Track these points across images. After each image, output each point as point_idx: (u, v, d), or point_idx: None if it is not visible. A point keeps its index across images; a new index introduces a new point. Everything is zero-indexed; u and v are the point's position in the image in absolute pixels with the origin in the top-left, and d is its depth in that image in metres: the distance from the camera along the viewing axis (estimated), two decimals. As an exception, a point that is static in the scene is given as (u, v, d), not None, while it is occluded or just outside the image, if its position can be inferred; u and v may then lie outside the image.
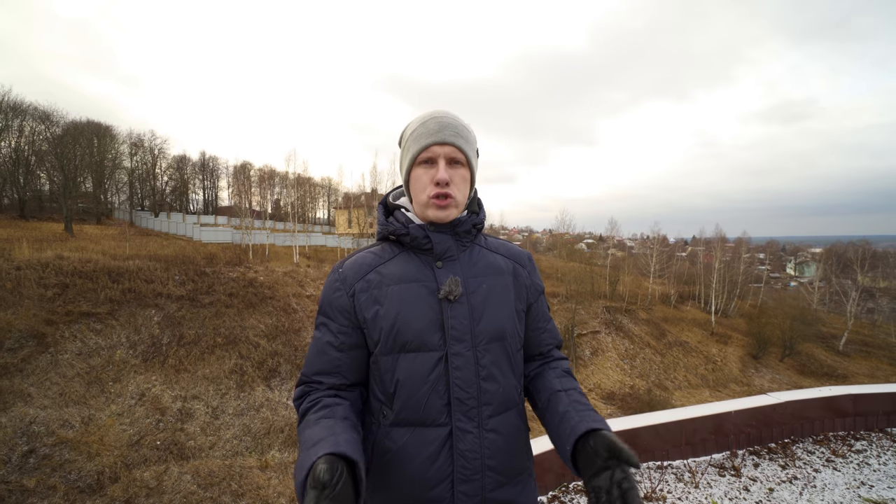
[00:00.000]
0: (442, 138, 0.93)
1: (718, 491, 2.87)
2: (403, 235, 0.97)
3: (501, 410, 0.94)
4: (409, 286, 0.94)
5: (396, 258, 0.99)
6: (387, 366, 0.92)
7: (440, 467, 0.88)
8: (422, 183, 0.95)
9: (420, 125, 0.97)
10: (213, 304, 18.20)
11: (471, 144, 0.99)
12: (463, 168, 0.97)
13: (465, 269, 0.98)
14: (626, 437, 3.09)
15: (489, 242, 1.08)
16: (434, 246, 0.96)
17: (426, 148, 0.94)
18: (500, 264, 1.04)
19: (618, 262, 43.56)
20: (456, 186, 0.95)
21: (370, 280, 0.95)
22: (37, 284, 15.38)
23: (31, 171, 29.97)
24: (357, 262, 0.99)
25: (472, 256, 1.01)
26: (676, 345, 29.43)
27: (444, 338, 0.91)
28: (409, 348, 0.91)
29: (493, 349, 0.95)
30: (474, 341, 0.93)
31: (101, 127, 36.01)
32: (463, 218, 1.00)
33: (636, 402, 21.24)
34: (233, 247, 28.75)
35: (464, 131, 0.97)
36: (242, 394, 15.11)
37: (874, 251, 39.95)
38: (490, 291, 0.98)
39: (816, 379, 26.98)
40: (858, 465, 3.20)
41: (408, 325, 0.91)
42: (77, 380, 13.02)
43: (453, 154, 0.94)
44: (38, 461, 10.18)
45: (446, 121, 0.96)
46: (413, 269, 0.96)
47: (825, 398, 3.68)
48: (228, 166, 53.04)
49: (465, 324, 0.92)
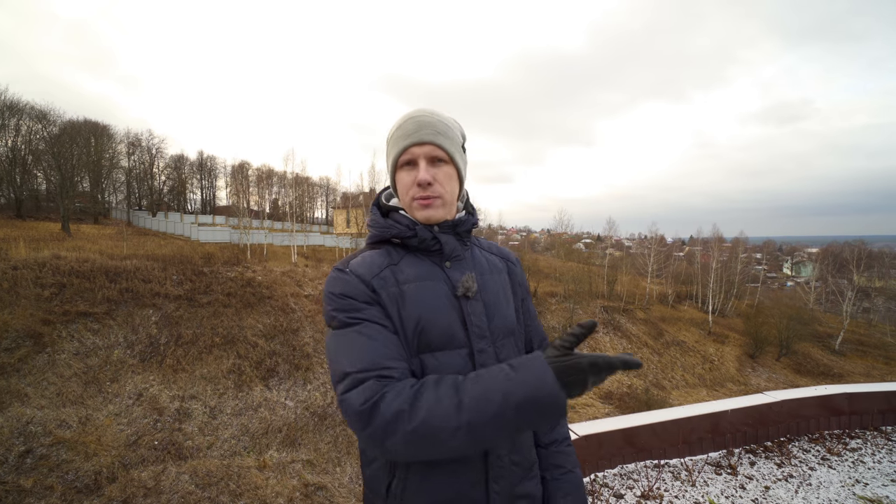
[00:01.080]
0: (419, 138, 0.91)
1: (715, 489, 2.89)
2: (410, 238, 0.94)
3: None
4: (428, 283, 0.92)
5: (405, 259, 0.96)
6: (414, 368, 0.87)
7: (474, 468, 0.88)
8: (405, 185, 0.94)
9: (398, 128, 0.94)
10: (210, 304, 18.16)
11: (452, 140, 0.95)
12: (447, 165, 0.94)
13: (472, 268, 0.99)
14: (625, 436, 3.11)
15: (482, 243, 1.11)
16: (443, 246, 0.95)
17: (405, 150, 0.92)
18: (497, 263, 1.06)
19: (616, 261, 43.64)
20: (441, 184, 0.93)
21: (386, 277, 0.91)
22: (33, 284, 15.32)
23: (27, 170, 29.80)
24: (366, 262, 0.93)
25: (475, 256, 1.03)
26: (674, 344, 29.52)
27: (468, 335, 0.91)
28: (436, 347, 0.89)
29: (507, 344, 0.96)
30: (493, 337, 0.94)
31: (99, 126, 35.86)
32: (464, 217, 1.00)
33: (634, 401, 21.31)
34: (231, 246, 28.68)
35: (443, 128, 0.93)
36: (240, 394, 15.09)
37: (870, 251, 40.16)
38: (497, 289, 1.00)
39: (813, 378, 27.11)
40: (853, 463, 3.23)
41: (433, 323, 0.88)
42: (74, 380, 12.98)
43: (433, 153, 0.92)
44: (35, 461, 10.15)
45: (424, 119, 0.93)
46: (426, 268, 0.95)
47: (821, 397, 3.71)
48: (226, 166, 52.93)
49: (483, 320, 0.93)
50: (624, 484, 2.91)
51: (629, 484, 2.91)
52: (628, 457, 3.12)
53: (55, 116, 31.68)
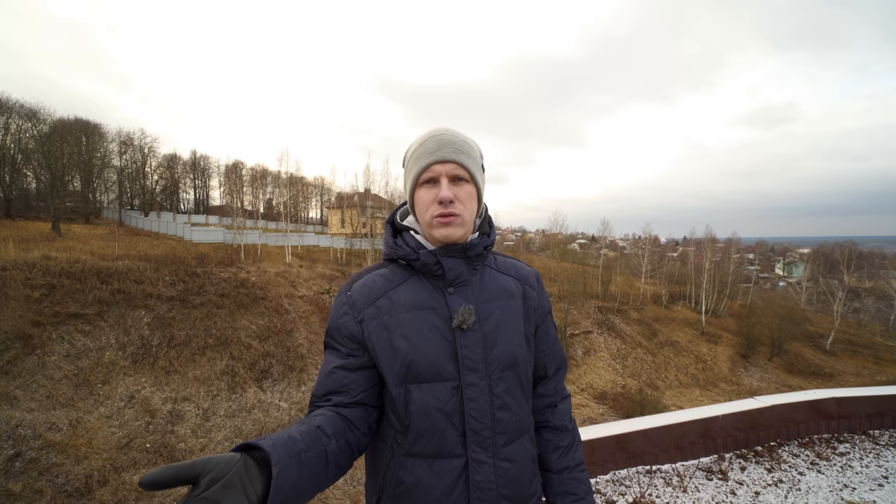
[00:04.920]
0: (442, 156, 0.92)
1: (706, 495, 2.91)
2: (414, 261, 0.95)
3: (515, 438, 0.94)
4: (422, 314, 0.92)
5: (407, 283, 0.96)
6: (399, 397, 0.89)
7: (456, 500, 0.87)
8: (425, 203, 0.94)
9: (420, 145, 0.95)
10: (204, 305, 18.03)
11: (474, 160, 0.96)
12: (468, 184, 0.94)
13: (477, 294, 0.97)
14: (617, 442, 3.13)
15: (498, 263, 1.06)
16: (446, 272, 0.94)
17: (427, 167, 0.93)
18: (511, 287, 1.02)
19: (610, 262, 43.86)
20: (461, 203, 0.93)
21: (380, 306, 0.93)
22: (23, 285, 15.12)
23: (17, 169, 29.39)
24: (367, 286, 0.96)
25: (484, 280, 1.00)
26: (667, 344, 29.74)
27: (458, 368, 0.90)
28: (423, 379, 0.89)
29: (506, 377, 0.94)
30: (488, 370, 0.92)
31: (90, 125, 35.43)
32: (475, 241, 0.98)
33: (628, 401, 21.42)
34: (224, 247, 28.49)
35: (465, 147, 0.95)
36: (234, 395, 15.00)
37: (860, 252, 40.67)
38: (502, 317, 0.97)
39: (804, 378, 27.43)
40: (842, 467, 3.27)
41: (421, 355, 0.89)
42: (65, 382, 12.83)
43: (455, 171, 0.92)
44: (24, 465, 10.03)
45: (446, 138, 0.94)
46: (425, 295, 0.94)
47: (810, 401, 3.75)
48: (220, 165, 52.49)
49: (479, 353, 0.91)
50: (616, 490, 2.92)
51: (621, 490, 2.92)
52: (621, 462, 3.13)
53: (45, 115, 31.32)
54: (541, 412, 1.06)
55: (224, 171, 49.57)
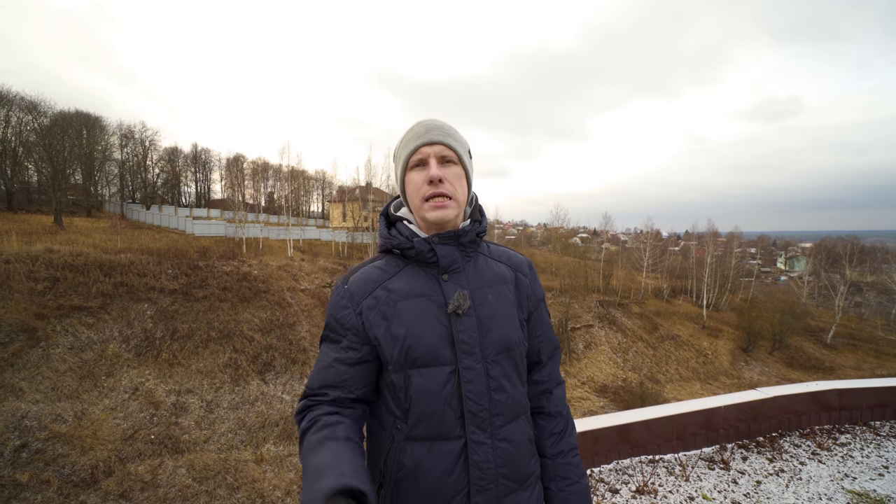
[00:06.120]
0: (430, 138, 0.95)
1: (708, 484, 2.94)
2: (408, 249, 0.97)
3: (511, 419, 0.96)
4: (418, 301, 0.94)
5: (402, 272, 0.98)
6: (399, 382, 0.92)
7: (456, 480, 0.90)
8: (415, 185, 0.96)
9: (408, 132, 0.99)
10: (206, 298, 18.11)
11: (461, 143, 1.00)
12: (456, 166, 0.97)
13: (472, 281, 0.99)
14: (619, 432, 3.15)
15: (491, 250, 1.09)
16: (439, 259, 0.96)
17: (416, 150, 0.96)
18: (504, 273, 1.04)
19: (611, 256, 43.84)
20: (451, 184, 0.95)
21: (378, 297, 0.95)
22: (26, 278, 15.20)
23: (18, 162, 29.39)
24: (363, 278, 0.98)
25: (477, 266, 1.02)
26: (668, 338, 29.79)
27: (455, 352, 0.92)
28: (421, 364, 0.91)
29: (501, 360, 0.96)
30: (483, 354, 0.94)
31: (90, 118, 35.35)
32: (467, 228, 1.00)
33: (628, 394, 21.52)
34: (226, 240, 28.55)
35: (451, 131, 0.99)
36: (237, 388, 15.12)
37: (862, 246, 40.60)
38: (496, 302, 0.99)
39: (804, 372, 27.49)
40: (843, 457, 3.30)
41: (419, 340, 0.91)
42: (69, 374, 12.94)
43: (443, 152, 0.95)
44: (30, 455, 10.15)
45: (433, 123, 0.98)
46: (420, 283, 0.96)
47: (812, 393, 3.77)
48: (221, 159, 52.39)
49: (474, 337, 0.93)
50: (619, 479, 2.95)
51: (624, 479, 2.95)
52: (623, 452, 3.16)
53: (46, 107, 31.26)
54: (536, 398, 1.07)
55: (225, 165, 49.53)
